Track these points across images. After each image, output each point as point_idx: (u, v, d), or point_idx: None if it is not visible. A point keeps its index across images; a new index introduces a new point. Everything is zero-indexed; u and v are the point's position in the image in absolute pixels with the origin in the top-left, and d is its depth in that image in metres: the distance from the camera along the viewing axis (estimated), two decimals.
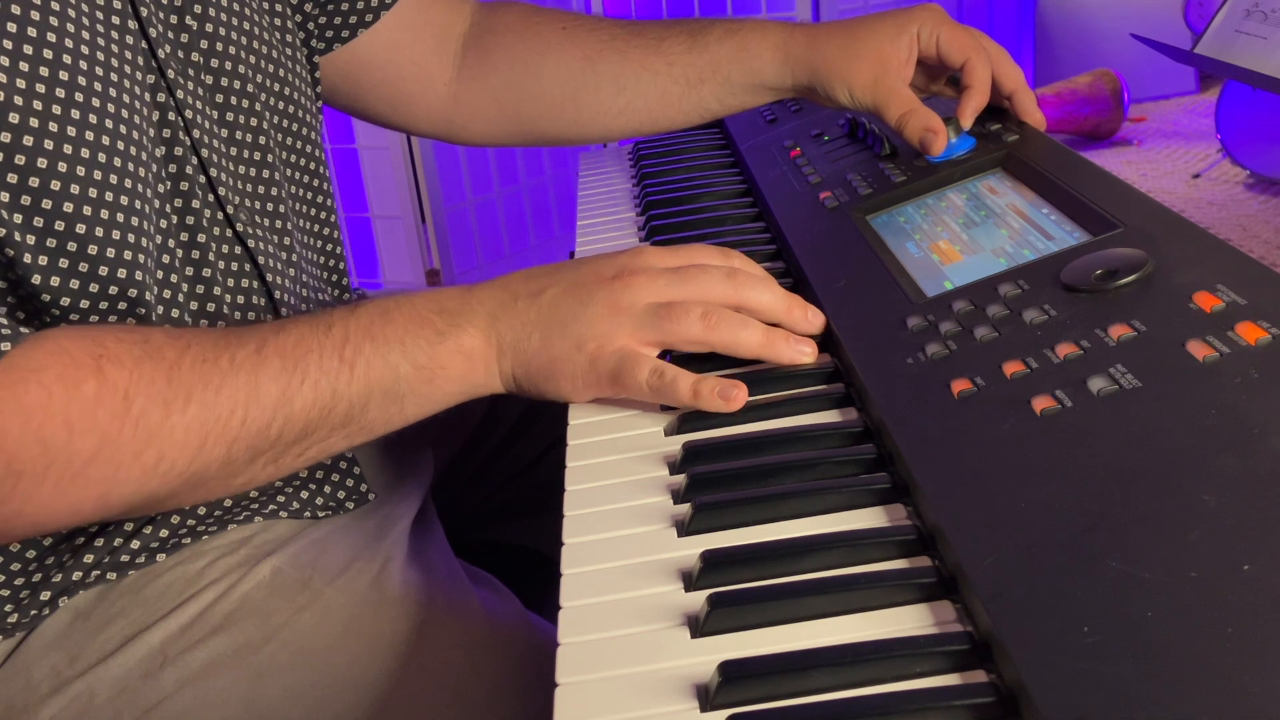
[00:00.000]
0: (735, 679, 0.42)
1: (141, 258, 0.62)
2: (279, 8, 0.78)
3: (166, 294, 0.65)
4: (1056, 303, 0.57)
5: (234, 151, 0.71)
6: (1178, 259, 0.56)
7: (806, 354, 0.65)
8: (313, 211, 0.81)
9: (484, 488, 1.00)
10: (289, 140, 0.78)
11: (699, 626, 0.46)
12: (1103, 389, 0.50)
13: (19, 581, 0.63)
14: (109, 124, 0.60)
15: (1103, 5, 3.29)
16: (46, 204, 0.58)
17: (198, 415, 0.58)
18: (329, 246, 0.83)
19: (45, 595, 0.63)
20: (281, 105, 0.76)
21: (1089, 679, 0.37)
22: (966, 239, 0.70)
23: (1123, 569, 0.40)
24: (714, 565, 0.49)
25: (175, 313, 0.65)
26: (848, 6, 2.47)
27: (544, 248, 2.52)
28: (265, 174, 0.73)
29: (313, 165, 0.80)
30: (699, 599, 0.47)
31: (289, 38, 0.79)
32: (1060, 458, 0.47)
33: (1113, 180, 0.68)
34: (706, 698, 0.43)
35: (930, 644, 0.43)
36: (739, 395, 0.62)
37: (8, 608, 0.63)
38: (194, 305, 0.67)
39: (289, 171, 0.78)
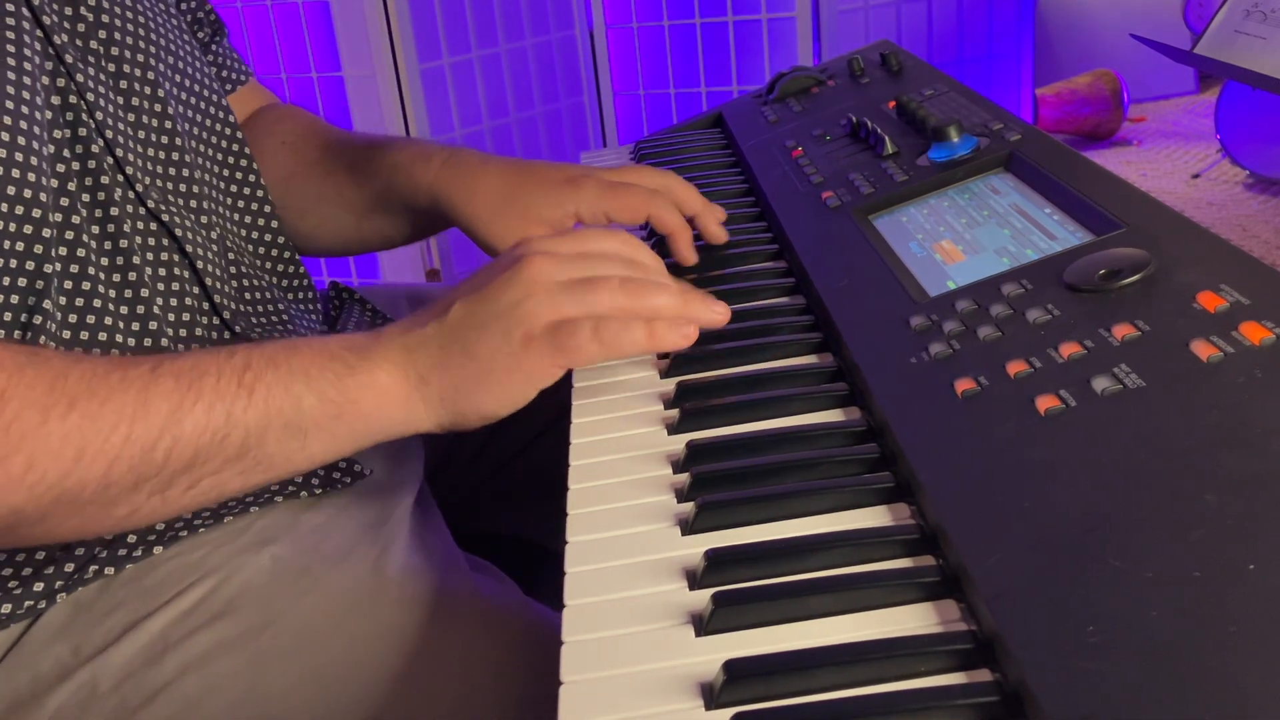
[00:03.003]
0: (740, 678, 0.42)
1: (44, 231, 0.63)
2: (163, 6, 0.82)
3: (74, 269, 0.66)
4: (1060, 302, 0.57)
5: (141, 134, 0.74)
6: (1181, 259, 0.56)
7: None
8: (234, 189, 0.84)
9: (474, 477, 1.00)
10: (201, 119, 0.81)
11: (703, 625, 0.47)
12: (1106, 389, 0.50)
13: (7, 572, 0.64)
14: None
15: (1103, 5, 3.30)
16: None
17: (77, 424, 0.55)
18: (257, 221, 0.85)
19: (39, 587, 0.63)
20: (184, 96, 0.80)
21: (1092, 678, 0.37)
22: (969, 239, 0.70)
23: (1126, 568, 0.40)
24: (718, 564, 0.49)
25: (86, 285, 0.66)
26: (847, 6, 2.46)
27: None
28: (176, 155, 0.76)
29: (230, 145, 0.84)
30: (703, 598, 0.48)
31: (186, 35, 0.83)
32: (1064, 457, 0.47)
33: (1115, 180, 0.68)
34: (711, 696, 0.43)
35: (934, 643, 0.43)
36: (693, 330, 0.64)
37: None
38: (116, 278, 0.68)
39: (205, 150, 0.81)
